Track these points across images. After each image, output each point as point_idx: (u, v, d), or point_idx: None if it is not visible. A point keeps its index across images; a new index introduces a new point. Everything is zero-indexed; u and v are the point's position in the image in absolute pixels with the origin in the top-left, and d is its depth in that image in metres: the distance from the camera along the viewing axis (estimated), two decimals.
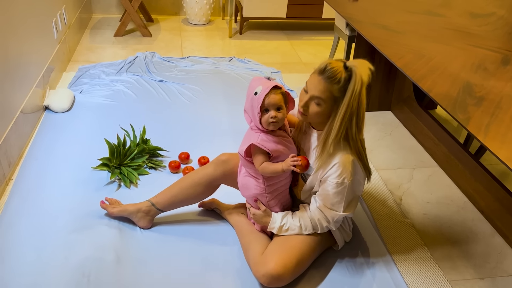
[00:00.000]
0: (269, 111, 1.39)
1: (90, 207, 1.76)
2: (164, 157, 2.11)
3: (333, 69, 1.29)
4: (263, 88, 1.38)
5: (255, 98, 1.39)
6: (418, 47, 1.72)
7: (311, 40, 3.82)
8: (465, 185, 2.05)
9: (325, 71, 1.30)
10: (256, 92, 1.39)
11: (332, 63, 1.31)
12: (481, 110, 1.30)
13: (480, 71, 1.55)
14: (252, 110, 1.42)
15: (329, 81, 1.30)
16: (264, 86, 1.38)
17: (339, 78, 1.29)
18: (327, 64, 1.30)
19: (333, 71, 1.29)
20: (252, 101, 1.41)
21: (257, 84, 1.41)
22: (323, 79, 1.31)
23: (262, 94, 1.37)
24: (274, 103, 1.38)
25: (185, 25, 3.95)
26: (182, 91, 2.72)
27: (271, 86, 1.38)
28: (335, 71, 1.29)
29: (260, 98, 1.37)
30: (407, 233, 1.79)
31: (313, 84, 1.33)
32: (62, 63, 2.90)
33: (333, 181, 1.40)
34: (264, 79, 1.44)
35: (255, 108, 1.39)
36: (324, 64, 1.31)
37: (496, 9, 2.26)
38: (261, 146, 1.40)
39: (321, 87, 1.31)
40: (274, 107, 1.39)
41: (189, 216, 1.77)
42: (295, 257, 1.46)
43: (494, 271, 1.64)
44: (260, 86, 1.39)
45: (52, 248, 1.56)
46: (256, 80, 1.44)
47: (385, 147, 2.35)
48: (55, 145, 2.14)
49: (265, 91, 1.37)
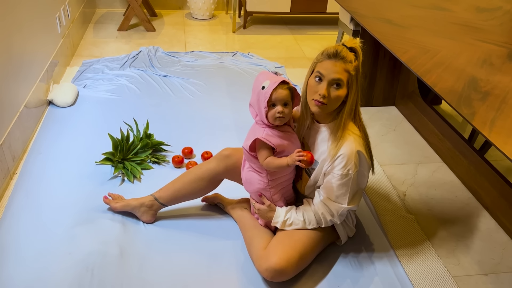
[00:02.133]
0: (276, 106, 1.38)
1: (93, 201, 1.76)
2: (168, 152, 2.11)
3: (343, 51, 1.33)
4: (271, 82, 1.37)
5: (262, 93, 1.38)
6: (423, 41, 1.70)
7: (315, 35, 3.80)
8: (469, 181, 2.03)
9: (338, 54, 1.33)
10: (263, 86, 1.38)
11: (338, 47, 1.34)
12: (486, 105, 1.29)
13: (485, 66, 1.53)
14: (258, 104, 1.41)
15: (344, 61, 1.33)
16: (272, 80, 1.38)
17: (350, 58, 1.33)
18: (337, 48, 1.34)
19: (344, 52, 1.33)
20: (259, 95, 1.40)
21: (264, 78, 1.40)
22: (338, 61, 1.33)
23: (269, 88, 1.36)
24: (282, 98, 1.38)
25: (189, 20, 3.94)
26: (185, 86, 2.72)
27: (279, 81, 1.37)
28: (345, 52, 1.33)
29: (267, 93, 1.36)
30: (411, 228, 1.78)
31: (329, 69, 1.34)
32: (66, 57, 2.90)
33: (337, 172, 1.39)
34: (271, 74, 1.43)
35: (262, 102, 1.38)
36: (333, 48, 1.34)
37: (503, 3, 2.24)
38: (266, 140, 1.40)
39: (338, 69, 1.33)
40: (281, 102, 1.38)
41: (192, 211, 1.78)
42: (298, 251, 1.46)
43: (498, 267, 1.63)
44: (267, 81, 1.38)
45: (56, 242, 1.57)
46: (264, 74, 1.43)
47: (389, 142, 2.34)
48: (59, 139, 2.14)
49: (273, 85, 1.36)
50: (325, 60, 1.34)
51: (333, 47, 1.34)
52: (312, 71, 1.38)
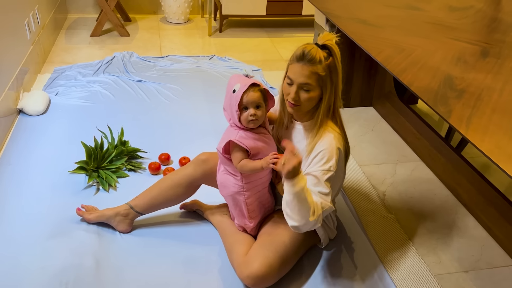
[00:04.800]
0: (248, 109, 1.36)
1: (67, 212, 1.70)
2: (144, 159, 2.06)
3: (310, 52, 1.29)
4: (241, 85, 1.35)
5: (233, 96, 1.36)
6: (397, 41, 1.71)
7: (292, 37, 3.80)
8: (447, 179, 2.05)
9: (304, 56, 1.30)
10: (234, 90, 1.36)
11: (306, 47, 1.31)
12: (462, 103, 1.29)
13: (460, 63, 1.54)
14: (230, 108, 1.39)
15: (312, 64, 1.30)
16: (242, 83, 1.36)
17: (319, 58, 1.30)
18: (303, 49, 1.30)
19: (311, 53, 1.29)
20: (230, 99, 1.38)
21: (235, 81, 1.38)
22: (305, 64, 1.30)
23: (240, 91, 1.34)
24: (253, 101, 1.35)
25: (164, 24, 3.89)
26: (161, 91, 2.67)
27: (249, 84, 1.35)
28: (313, 52, 1.29)
29: (238, 96, 1.34)
30: (392, 228, 1.78)
31: (297, 73, 1.32)
32: (37, 64, 2.81)
33: (319, 169, 1.35)
34: (242, 76, 1.41)
35: (233, 106, 1.36)
36: (300, 50, 1.31)
37: (474, 2, 2.27)
38: (239, 143, 1.37)
39: (306, 72, 1.30)
40: (253, 105, 1.36)
41: (171, 218, 1.73)
42: (280, 256, 1.44)
43: (478, 264, 1.64)
44: (238, 84, 1.36)
45: (28, 256, 1.50)
46: (235, 78, 1.41)
47: (367, 142, 2.34)
48: (30, 149, 2.07)
49: (243, 88, 1.34)
50: (294, 63, 1.33)
51: (301, 48, 1.31)
52: (286, 73, 1.37)
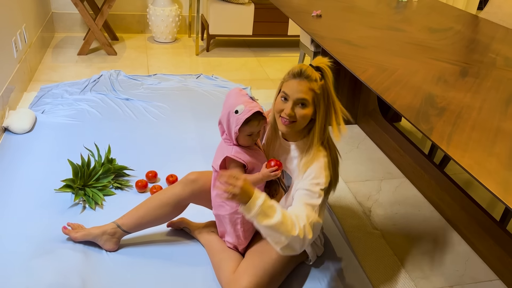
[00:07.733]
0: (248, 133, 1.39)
1: (53, 231, 1.68)
2: (131, 177, 2.06)
3: (307, 70, 1.33)
4: (245, 109, 1.35)
5: (234, 116, 1.36)
6: (380, 60, 1.76)
7: (278, 57, 3.86)
8: (431, 195, 2.09)
9: (302, 73, 1.32)
10: (237, 110, 1.35)
11: (303, 66, 1.34)
12: (443, 120, 1.34)
13: (440, 83, 1.59)
14: (228, 125, 1.39)
15: (309, 80, 1.32)
16: (247, 107, 1.35)
17: (315, 77, 1.33)
18: (300, 67, 1.33)
19: (308, 71, 1.32)
20: (229, 117, 1.38)
21: (238, 101, 1.37)
22: (303, 80, 1.32)
23: (243, 116, 1.34)
24: (255, 130, 1.38)
25: (151, 43, 3.92)
26: (148, 109, 2.68)
27: (254, 111, 1.36)
28: (310, 71, 1.33)
29: (240, 119, 1.35)
30: (377, 244, 1.80)
31: (293, 88, 1.33)
32: (23, 83, 2.81)
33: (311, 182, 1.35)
34: (247, 97, 1.40)
35: (233, 126, 1.37)
36: (297, 68, 1.34)
37: (453, 24, 2.35)
38: (236, 158, 1.39)
39: (303, 88, 1.32)
40: (254, 132, 1.39)
41: (158, 237, 1.73)
42: (268, 274, 1.44)
43: (463, 279, 1.66)
44: (242, 105, 1.36)
45: (13, 276, 1.48)
46: (238, 96, 1.40)
47: (353, 159, 2.38)
48: (16, 167, 2.05)
49: (246, 113, 1.34)
50: (290, 80, 1.35)
51: (298, 67, 1.34)
52: (279, 91, 1.39)
